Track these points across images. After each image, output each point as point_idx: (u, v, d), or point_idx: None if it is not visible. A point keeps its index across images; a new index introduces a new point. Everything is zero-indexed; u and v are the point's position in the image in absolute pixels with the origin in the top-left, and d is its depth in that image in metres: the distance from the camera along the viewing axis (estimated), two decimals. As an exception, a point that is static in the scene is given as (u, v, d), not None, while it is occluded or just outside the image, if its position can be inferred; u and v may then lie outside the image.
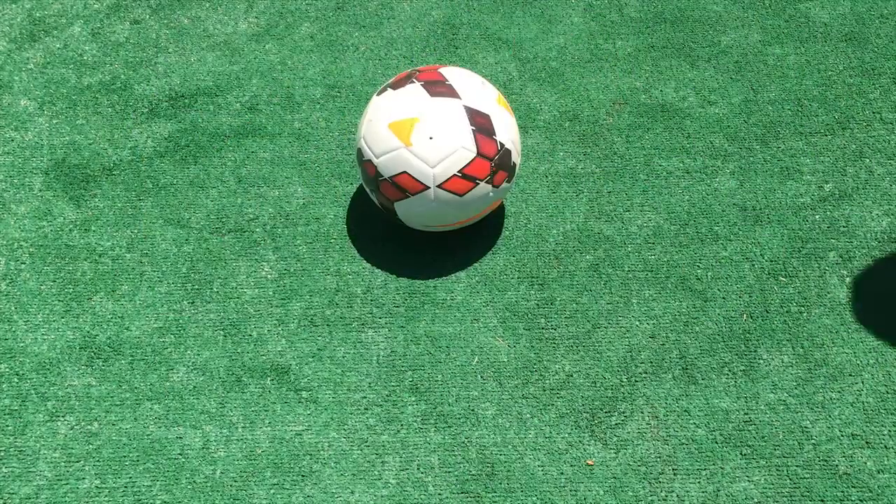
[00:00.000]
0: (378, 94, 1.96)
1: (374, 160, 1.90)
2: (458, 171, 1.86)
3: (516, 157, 1.96)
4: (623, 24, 2.50)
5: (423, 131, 1.85)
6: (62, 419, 1.82)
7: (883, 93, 2.33)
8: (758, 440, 1.79)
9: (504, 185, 1.94)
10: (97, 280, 2.01)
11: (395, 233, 2.07)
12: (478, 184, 1.88)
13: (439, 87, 1.90)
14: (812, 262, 2.03)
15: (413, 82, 1.92)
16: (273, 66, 2.40)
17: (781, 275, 2.02)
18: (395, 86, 1.94)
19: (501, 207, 2.12)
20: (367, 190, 1.99)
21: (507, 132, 1.92)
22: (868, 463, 1.76)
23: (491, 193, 1.92)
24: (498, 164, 1.90)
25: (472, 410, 1.83)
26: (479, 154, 1.87)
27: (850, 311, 1.96)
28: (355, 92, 2.34)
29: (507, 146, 1.91)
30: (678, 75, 2.38)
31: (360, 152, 1.95)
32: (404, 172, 1.87)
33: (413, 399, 1.85)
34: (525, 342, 1.92)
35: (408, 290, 1.99)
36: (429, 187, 1.87)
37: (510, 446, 1.79)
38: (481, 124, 1.88)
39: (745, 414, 1.82)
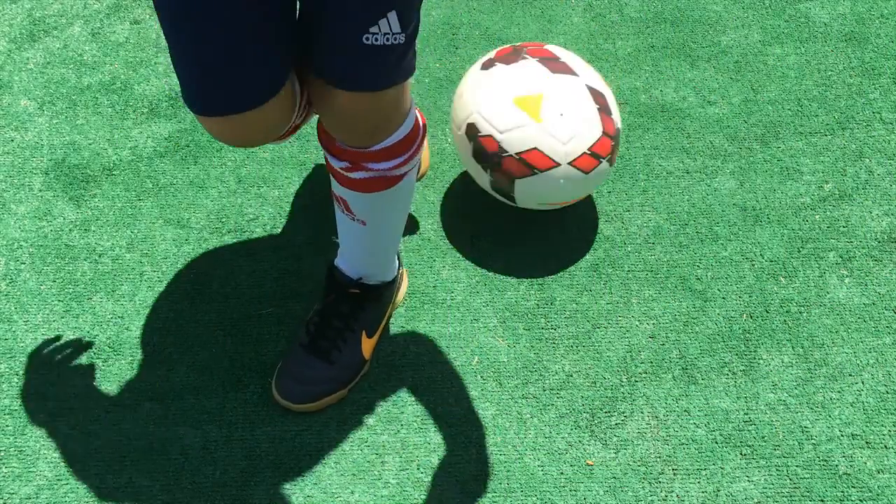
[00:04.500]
0: (484, 69, 1.94)
1: (498, 135, 1.88)
2: (588, 149, 1.87)
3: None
4: (623, 24, 2.50)
5: (552, 108, 1.85)
6: (62, 419, 1.82)
7: (883, 93, 2.33)
8: (758, 440, 1.79)
9: (612, 166, 1.96)
10: (97, 280, 2.01)
11: (395, 233, 2.07)
12: (601, 162, 1.90)
13: (556, 64, 1.91)
14: (812, 262, 2.03)
15: (526, 58, 1.91)
16: (273, 66, 2.39)
17: (781, 275, 2.02)
18: (504, 60, 1.93)
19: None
20: (473, 169, 1.96)
21: (617, 113, 1.95)
22: (868, 463, 1.76)
23: (606, 172, 1.94)
24: (616, 143, 1.93)
25: (472, 410, 1.83)
26: (604, 132, 1.89)
27: (850, 311, 1.96)
28: (355, 92, 2.34)
29: (619, 126, 1.95)
30: (678, 75, 2.38)
31: (472, 127, 1.91)
32: (534, 149, 1.86)
33: (413, 399, 1.85)
34: (525, 342, 1.92)
35: (408, 290, 1.99)
36: (559, 164, 1.86)
37: (510, 446, 1.79)
38: (602, 103, 1.91)
39: (745, 414, 1.82)
